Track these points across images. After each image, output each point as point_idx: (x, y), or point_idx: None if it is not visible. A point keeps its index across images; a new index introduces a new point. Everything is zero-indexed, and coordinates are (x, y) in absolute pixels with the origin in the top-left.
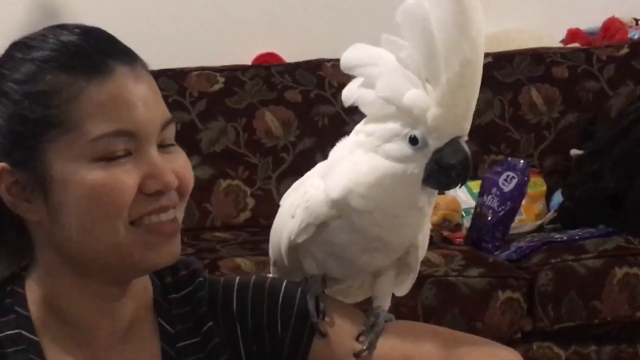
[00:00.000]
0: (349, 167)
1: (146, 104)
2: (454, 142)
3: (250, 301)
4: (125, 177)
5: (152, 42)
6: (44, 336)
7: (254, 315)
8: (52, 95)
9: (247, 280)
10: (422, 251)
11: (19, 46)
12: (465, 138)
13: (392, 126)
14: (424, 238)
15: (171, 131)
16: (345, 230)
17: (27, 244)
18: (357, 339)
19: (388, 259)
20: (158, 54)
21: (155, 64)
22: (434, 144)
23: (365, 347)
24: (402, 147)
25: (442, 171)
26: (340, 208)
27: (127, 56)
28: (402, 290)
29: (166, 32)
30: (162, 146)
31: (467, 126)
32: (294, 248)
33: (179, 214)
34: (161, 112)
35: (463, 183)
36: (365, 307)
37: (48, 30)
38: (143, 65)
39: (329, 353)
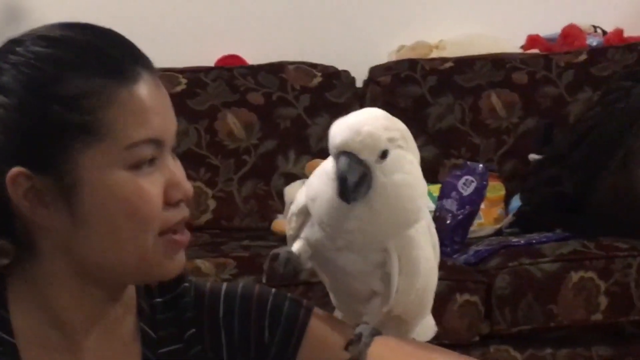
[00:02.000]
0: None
1: (167, 111)
2: (339, 156)
3: (237, 308)
4: (153, 187)
5: None
6: (24, 339)
7: (240, 323)
8: (84, 99)
9: (234, 287)
10: (424, 262)
11: (21, 43)
12: (362, 155)
13: None
14: (404, 246)
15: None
16: (315, 226)
17: (17, 245)
18: (345, 348)
19: (365, 262)
20: None
21: None
22: (331, 155)
23: (353, 356)
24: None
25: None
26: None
27: (148, 63)
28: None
29: (128, 34)
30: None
31: (352, 144)
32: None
33: None
34: (175, 120)
35: (347, 200)
36: None
37: (54, 28)
38: (158, 72)
39: None
